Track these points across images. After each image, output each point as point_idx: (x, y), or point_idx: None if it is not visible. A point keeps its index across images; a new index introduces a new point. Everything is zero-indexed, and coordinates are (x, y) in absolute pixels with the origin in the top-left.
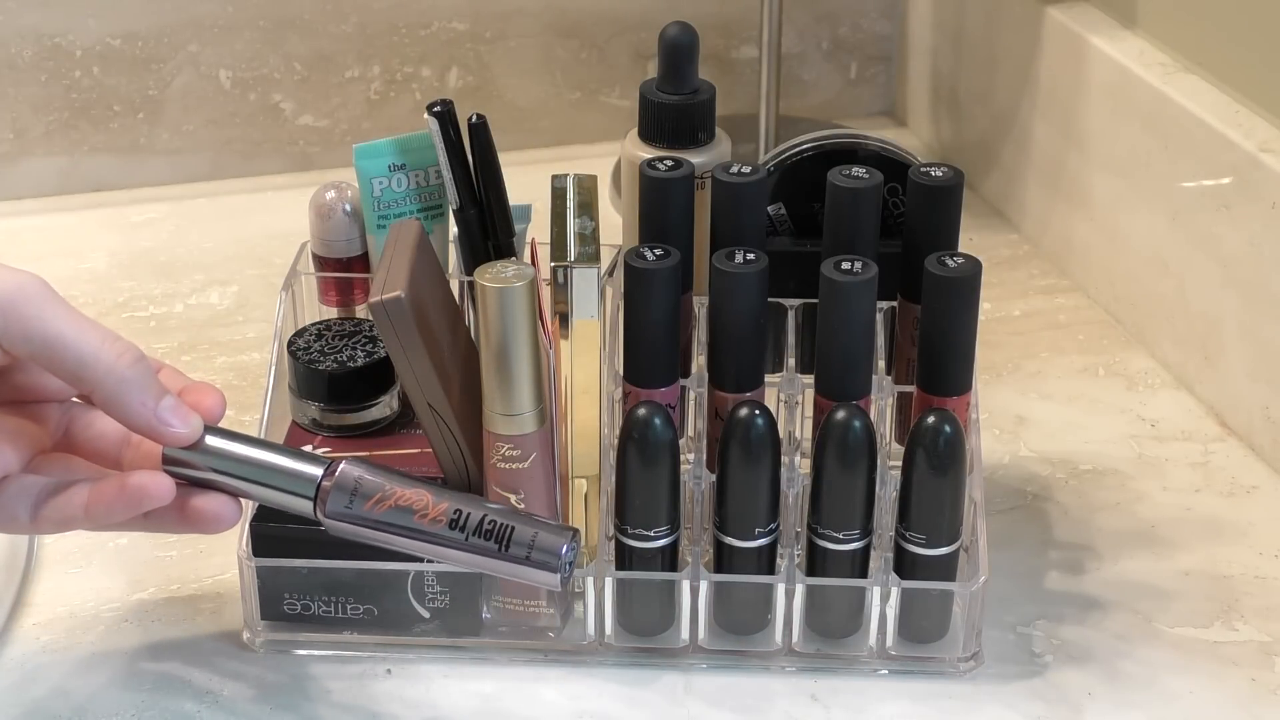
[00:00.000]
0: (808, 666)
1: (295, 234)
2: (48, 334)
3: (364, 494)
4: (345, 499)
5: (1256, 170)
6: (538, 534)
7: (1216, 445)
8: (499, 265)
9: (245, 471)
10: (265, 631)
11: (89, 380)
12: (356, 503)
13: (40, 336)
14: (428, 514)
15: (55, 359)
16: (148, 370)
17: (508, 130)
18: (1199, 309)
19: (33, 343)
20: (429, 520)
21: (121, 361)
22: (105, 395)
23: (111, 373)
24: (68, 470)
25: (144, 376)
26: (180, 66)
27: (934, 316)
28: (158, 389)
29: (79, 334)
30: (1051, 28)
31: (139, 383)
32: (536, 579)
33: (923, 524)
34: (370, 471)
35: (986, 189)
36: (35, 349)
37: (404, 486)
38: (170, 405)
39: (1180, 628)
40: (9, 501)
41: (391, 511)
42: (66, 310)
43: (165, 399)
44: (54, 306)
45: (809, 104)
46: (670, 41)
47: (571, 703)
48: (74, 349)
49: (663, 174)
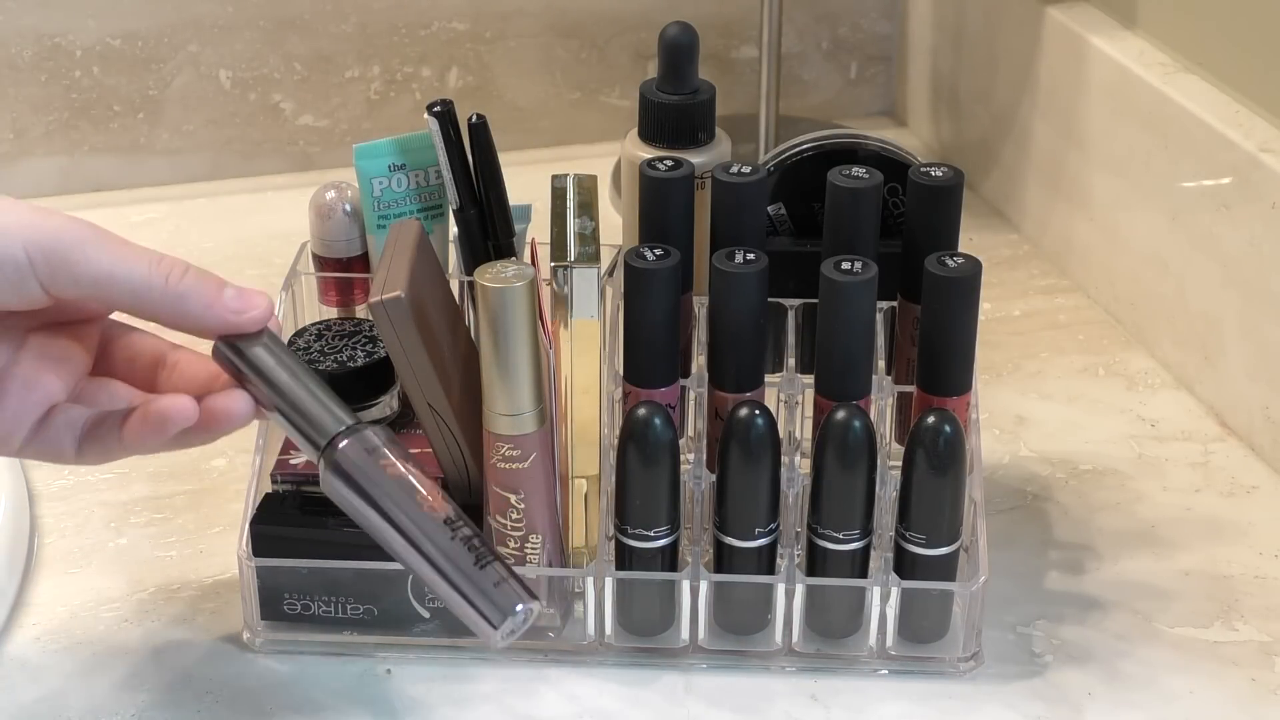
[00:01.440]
0: (808, 666)
1: (295, 234)
2: (97, 275)
3: (379, 455)
4: (361, 450)
5: (1256, 170)
6: (512, 581)
7: (1216, 445)
8: (499, 265)
9: (285, 383)
10: (265, 631)
11: (149, 309)
12: (372, 459)
13: (89, 279)
14: (425, 502)
15: (108, 297)
16: (201, 275)
17: (508, 130)
18: (1199, 309)
19: (81, 285)
20: (425, 509)
21: (172, 280)
22: (170, 317)
23: (167, 294)
24: (110, 398)
25: (198, 283)
26: (180, 66)
27: (934, 316)
28: (215, 285)
29: (126, 268)
30: (1051, 28)
31: (196, 291)
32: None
33: (923, 524)
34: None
35: (986, 189)
36: (85, 291)
37: (419, 470)
38: (233, 294)
39: (1180, 628)
40: (55, 434)
41: (396, 484)
42: (108, 245)
43: (226, 290)
44: (94, 246)
45: (809, 104)
46: (670, 41)
47: (571, 703)
48: (124, 283)
49: (663, 174)
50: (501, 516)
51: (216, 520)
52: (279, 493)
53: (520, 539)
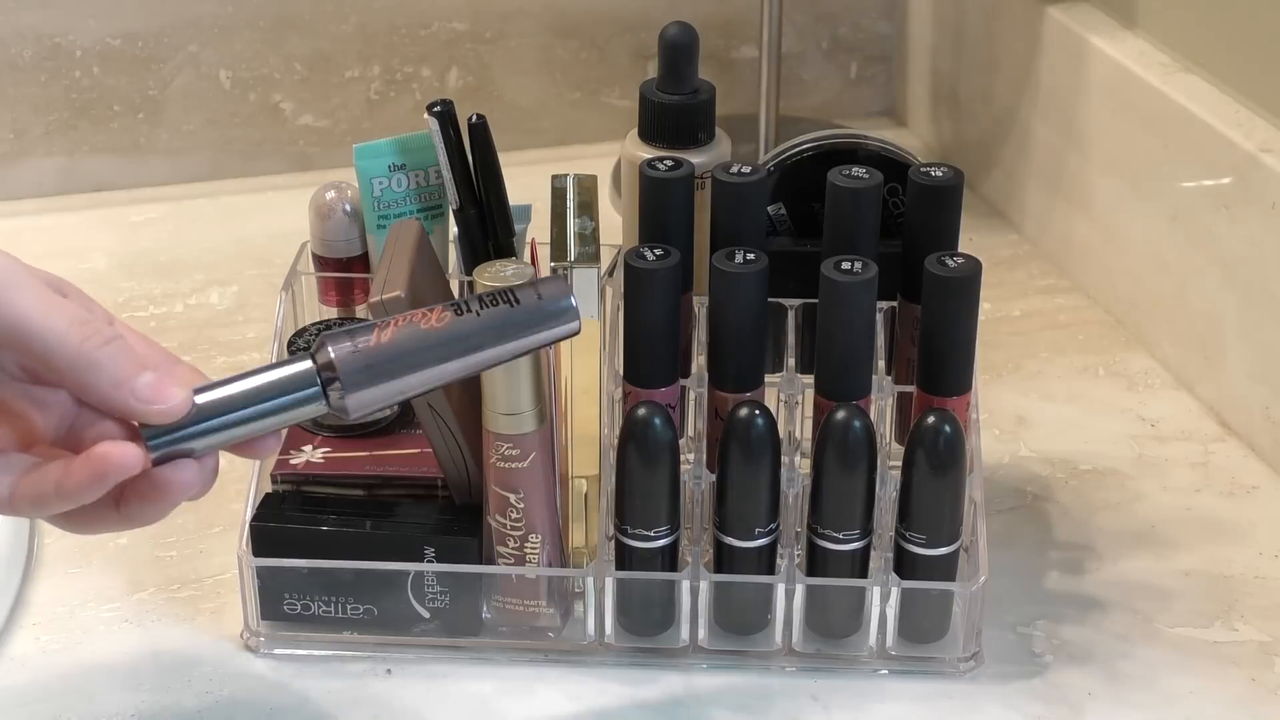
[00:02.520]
0: (808, 666)
1: (295, 234)
2: (15, 320)
3: (364, 343)
4: (349, 350)
5: (1256, 170)
6: (538, 286)
7: (1216, 445)
8: (499, 265)
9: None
10: (265, 631)
11: (56, 369)
12: (361, 347)
13: (8, 323)
14: (431, 318)
15: (21, 345)
16: (122, 349)
17: (508, 130)
18: (1199, 309)
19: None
20: (435, 320)
21: (89, 345)
22: (76, 385)
23: (78, 358)
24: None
25: (116, 357)
26: (180, 66)
27: (934, 316)
28: (133, 366)
29: (45, 318)
30: (1051, 28)
31: (111, 364)
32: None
33: (923, 524)
34: (350, 330)
35: (986, 189)
36: (3, 337)
37: (392, 320)
38: (149, 381)
39: (1180, 628)
40: None
41: (399, 335)
42: (36, 294)
43: (142, 377)
44: (21, 292)
45: (809, 104)
46: (670, 41)
47: (571, 703)
48: (37, 335)
49: (663, 174)
50: (501, 516)
51: (216, 520)
52: (279, 492)
53: (520, 539)
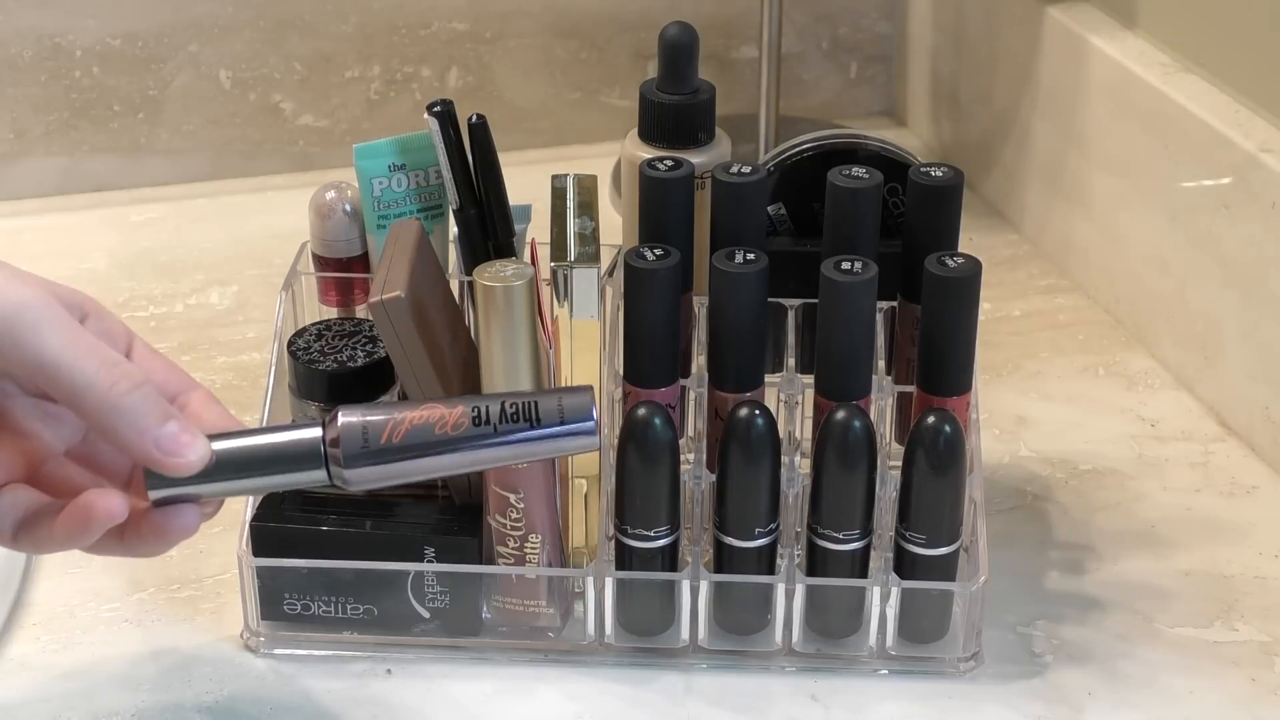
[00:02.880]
0: (808, 666)
1: (295, 234)
2: (42, 359)
3: (375, 429)
4: (359, 441)
5: (1256, 170)
6: (561, 399)
7: (1216, 445)
8: (499, 265)
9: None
10: (265, 631)
11: (83, 410)
12: (371, 439)
13: (34, 361)
14: (448, 423)
15: (50, 385)
16: (147, 397)
17: (508, 130)
18: (1199, 309)
19: (26, 367)
20: (451, 428)
21: (116, 390)
22: (100, 426)
23: (105, 402)
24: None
25: (142, 404)
26: (180, 66)
27: (934, 316)
28: (159, 415)
29: (74, 360)
30: (1051, 28)
31: (136, 411)
32: (576, 446)
33: (923, 524)
34: (369, 409)
35: (986, 189)
36: (29, 373)
37: (411, 410)
38: (171, 433)
39: (1180, 628)
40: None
41: (411, 434)
42: (65, 333)
43: (166, 427)
44: (51, 330)
45: (809, 104)
46: (670, 41)
47: (571, 703)
48: (66, 375)
49: (663, 174)
50: (501, 516)
51: (216, 520)
52: (279, 492)
53: (520, 539)
